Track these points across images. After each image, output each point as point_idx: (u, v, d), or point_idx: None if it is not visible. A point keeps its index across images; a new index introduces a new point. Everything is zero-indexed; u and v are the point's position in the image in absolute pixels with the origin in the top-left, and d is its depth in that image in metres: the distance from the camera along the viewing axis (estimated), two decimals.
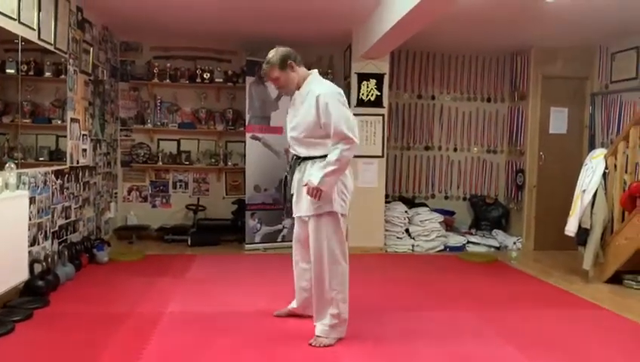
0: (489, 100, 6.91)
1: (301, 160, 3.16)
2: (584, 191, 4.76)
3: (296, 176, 3.17)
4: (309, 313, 3.35)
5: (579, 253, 4.96)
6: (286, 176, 3.31)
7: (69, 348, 2.92)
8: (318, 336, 3.08)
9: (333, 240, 3.05)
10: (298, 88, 3.18)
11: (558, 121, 6.35)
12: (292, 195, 3.24)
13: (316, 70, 3.26)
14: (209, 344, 3.02)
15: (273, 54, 3.15)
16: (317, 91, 3.03)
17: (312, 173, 3.02)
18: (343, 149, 2.94)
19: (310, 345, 3.03)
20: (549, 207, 6.22)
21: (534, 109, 6.33)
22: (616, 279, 4.65)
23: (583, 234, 4.74)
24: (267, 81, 3.20)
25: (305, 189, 3.03)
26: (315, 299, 3.12)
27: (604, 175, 4.75)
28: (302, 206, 3.13)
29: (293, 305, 3.47)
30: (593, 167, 4.79)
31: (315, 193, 2.96)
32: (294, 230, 3.36)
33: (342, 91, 3.11)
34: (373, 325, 3.40)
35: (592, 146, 6.04)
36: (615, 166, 4.78)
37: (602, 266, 4.74)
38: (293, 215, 3.26)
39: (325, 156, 3.01)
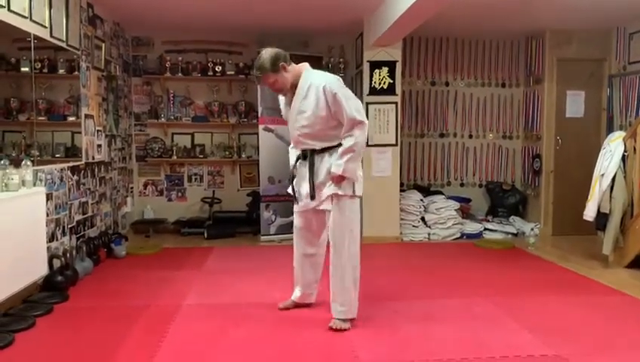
0: (504, 85, 6.81)
1: (316, 152, 3.16)
2: (603, 175, 4.68)
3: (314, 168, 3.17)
4: (308, 301, 3.45)
5: (598, 237, 4.90)
6: (293, 174, 3.33)
7: (88, 341, 2.96)
8: (337, 319, 3.12)
9: (355, 223, 3.16)
10: (294, 86, 3.16)
11: (575, 105, 6.25)
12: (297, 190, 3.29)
13: (307, 63, 3.26)
14: (226, 335, 3.04)
15: (262, 60, 3.09)
16: (320, 83, 3.09)
17: (332, 163, 3.08)
18: (358, 135, 3.04)
19: (331, 328, 3.07)
20: (566, 192, 6.14)
21: (550, 93, 6.23)
22: (636, 264, 4.57)
23: (602, 218, 4.68)
24: (262, 86, 3.22)
25: (327, 179, 3.10)
26: (335, 282, 3.15)
27: (623, 158, 4.67)
28: (322, 196, 3.14)
29: (297, 294, 3.48)
30: (612, 150, 4.71)
31: (340, 181, 3.06)
32: (300, 221, 3.36)
33: (339, 78, 3.19)
34: (389, 312, 3.40)
35: (610, 129, 5.93)
36: (634, 148, 4.68)
37: (622, 251, 4.67)
38: (307, 207, 3.26)
39: (339, 145, 3.08)
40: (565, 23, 5.89)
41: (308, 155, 3.19)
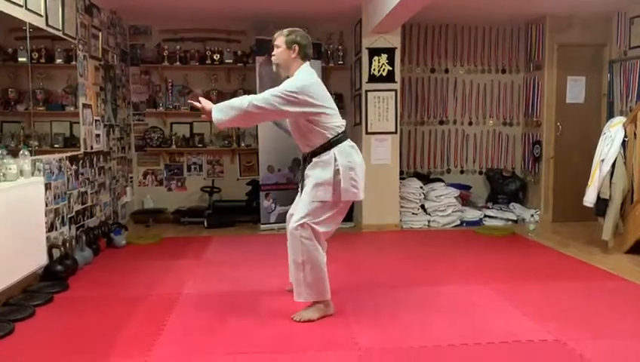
0: (504, 71, 6.78)
1: (307, 155, 3.15)
2: (603, 160, 4.67)
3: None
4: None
5: (598, 223, 4.89)
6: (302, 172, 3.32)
7: (88, 330, 2.97)
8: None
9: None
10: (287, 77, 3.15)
11: (575, 90, 6.22)
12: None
13: (307, 63, 3.16)
14: (226, 323, 3.05)
15: (291, 30, 3.12)
16: None
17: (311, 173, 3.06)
18: (249, 101, 2.93)
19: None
20: (567, 178, 6.13)
21: (550, 79, 6.19)
22: (636, 249, 4.57)
23: (602, 204, 4.67)
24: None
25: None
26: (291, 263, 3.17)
27: (624, 143, 4.65)
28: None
29: None
30: (612, 135, 4.68)
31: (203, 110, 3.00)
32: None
33: (307, 84, 3.01)
34: (389, 300, 3.40)
35: (610, 115, 5.90)
36: (635, 134, 4.67)
37: (622, 237, 4.67)
38: None
39: (324, 145, 3.04)
40: (565, 8, 5.84)
41: (302, 160, 3.23)
